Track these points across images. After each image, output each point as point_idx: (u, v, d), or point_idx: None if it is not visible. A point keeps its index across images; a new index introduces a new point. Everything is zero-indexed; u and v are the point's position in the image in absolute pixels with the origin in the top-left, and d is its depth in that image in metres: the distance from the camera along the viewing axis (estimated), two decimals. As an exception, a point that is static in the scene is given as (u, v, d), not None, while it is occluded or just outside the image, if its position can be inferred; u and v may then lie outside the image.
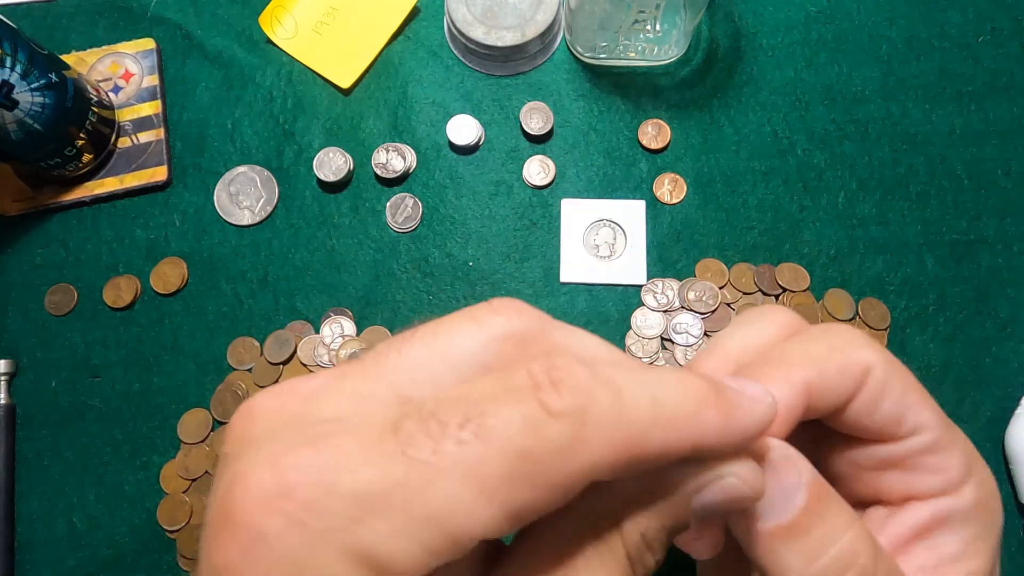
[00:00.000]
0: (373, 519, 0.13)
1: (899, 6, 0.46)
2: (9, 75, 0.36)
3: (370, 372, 0.16)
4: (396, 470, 0.13)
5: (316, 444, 0.14)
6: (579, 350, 0.17)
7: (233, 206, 0.43)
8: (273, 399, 0.16)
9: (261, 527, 0.13)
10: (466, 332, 0.16)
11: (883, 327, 0.40)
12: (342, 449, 0.14)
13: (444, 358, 0.16)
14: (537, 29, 0.43)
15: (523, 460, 0.13)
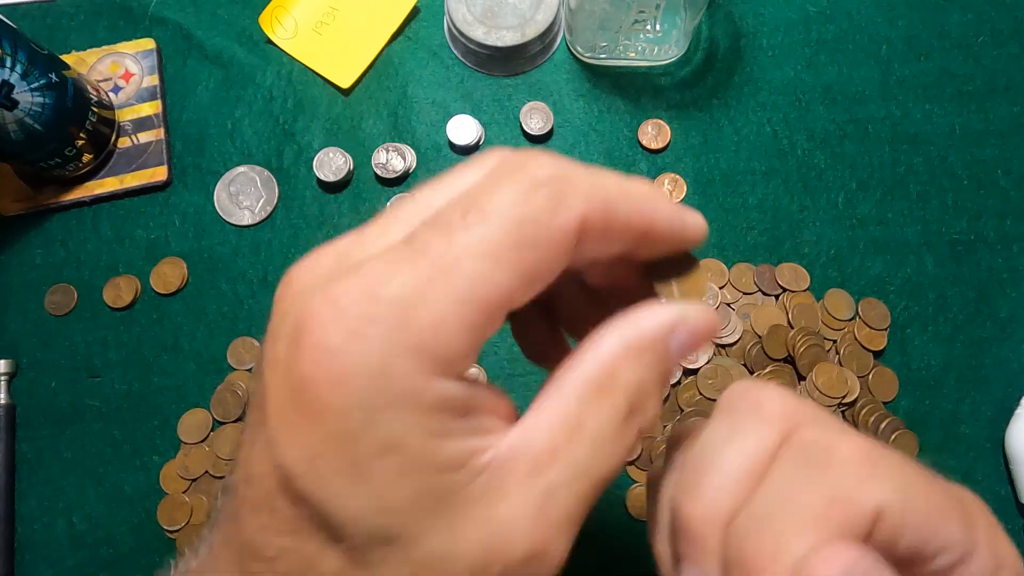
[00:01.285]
0: (417, 314, 0.15)
1: (899, 6, 0.46)
2: (9, 75, 0.36)
3: (388, 219, 0.18)
4: (422, 269, 0.15)
5: (353, 273, 0.16)
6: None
7: (233, 206, 0.43)
8: (308, 262, 0.19)
9: (328, 342, 0.15)
10: (466, 172, 0.18)
11: (883, 327, 0.40)
12: (375, 270, 0.16)
13: (449, 194, 0.18)
14: (537, 29, 0.43)
15: (521, 225, 0.16)
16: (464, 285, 0.15)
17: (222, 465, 0.39)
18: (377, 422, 0.15)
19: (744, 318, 0.40)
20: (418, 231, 0.16)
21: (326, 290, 0.16)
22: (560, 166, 0.18)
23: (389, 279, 0.15)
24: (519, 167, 0.17)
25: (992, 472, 0.39)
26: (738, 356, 0.40)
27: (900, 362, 0.40)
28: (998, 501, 0.38)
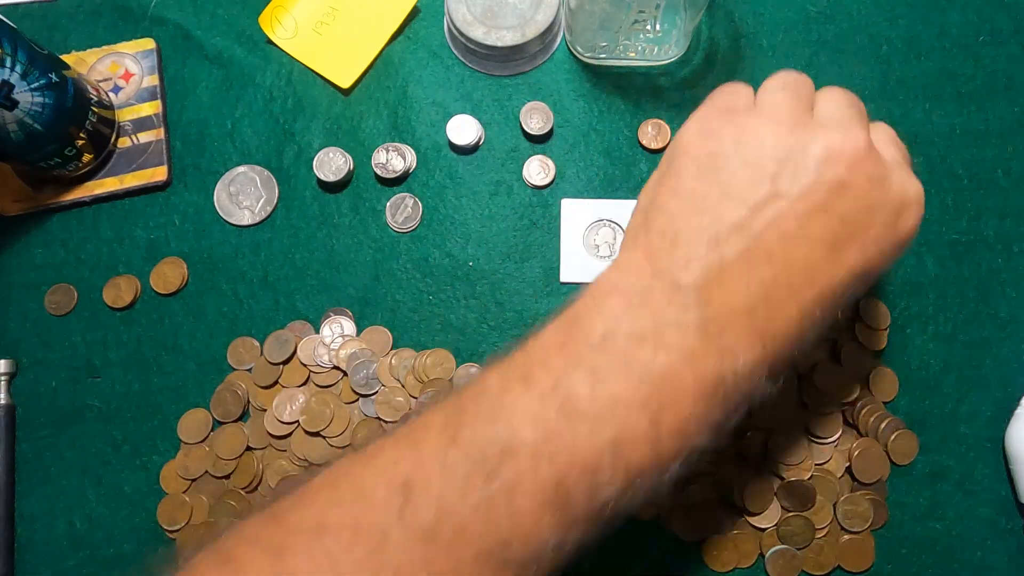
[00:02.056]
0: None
1: (899, 6, 0.46)
2: (9, 75, 0.36)
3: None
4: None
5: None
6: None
7: (233, 206, 0.43)
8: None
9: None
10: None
11: (883, 327, 0.40)
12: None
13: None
14: (537, 29, 0.43)
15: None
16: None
17: (222, 465, 0.39)
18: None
19: (744, 318, 0.40)
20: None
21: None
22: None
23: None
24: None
25: (992, 472, 0.39)
26: (738, 356, 0.40)
27: (900, 362, 0.40)
28: (998, 501, 0.38)
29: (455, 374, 0.40)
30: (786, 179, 0.26)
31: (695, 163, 0.27)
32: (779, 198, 0.26)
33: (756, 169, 0.26)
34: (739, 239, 0.25)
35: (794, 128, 0.27)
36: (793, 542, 0.37)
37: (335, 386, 0.40)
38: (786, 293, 0.25)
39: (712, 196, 0.26)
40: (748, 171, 0.26)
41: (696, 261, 0.25)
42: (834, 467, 0.38)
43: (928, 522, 0.38)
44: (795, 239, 0.25)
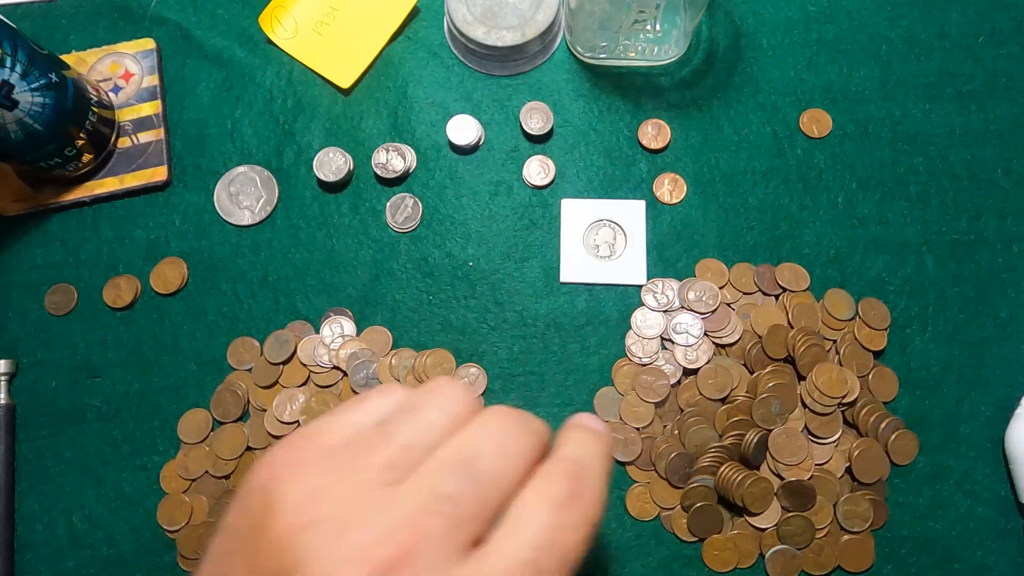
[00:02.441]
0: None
1: (899, 6, 0.46)
2: (9, 75, 0.36)
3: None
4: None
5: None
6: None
7: (233, 206, 0.43)
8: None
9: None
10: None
11: (883, 327, 0.40)
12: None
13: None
14: (537, 29, 0.43)
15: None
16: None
17: (222, 465, 0.39)
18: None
19: (744, 318, 0.40)
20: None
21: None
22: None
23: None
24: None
25: (992, 472, 0.39)
26: (738, 356, 0.40)
27: (900, 362, 0.40)
28: (998, 501, 0.38)
29: (455, 374, 0.40)
30: None
31: None
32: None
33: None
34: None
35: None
36: (793, 542, 0.37)
37: (335, 386, 0.40)
38: None
39: None
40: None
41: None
42: (834, 467, 0.38)
43: (928, 522, 0.38)
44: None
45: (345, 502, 0.18)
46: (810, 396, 0.38)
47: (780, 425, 0.38)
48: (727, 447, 0.38)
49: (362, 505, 0.18)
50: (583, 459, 0.22)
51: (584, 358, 0.41)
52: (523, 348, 0.41)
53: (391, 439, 0.20)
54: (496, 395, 0.40)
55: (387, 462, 0.20)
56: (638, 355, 0.40)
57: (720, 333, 0.40)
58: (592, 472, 0.21)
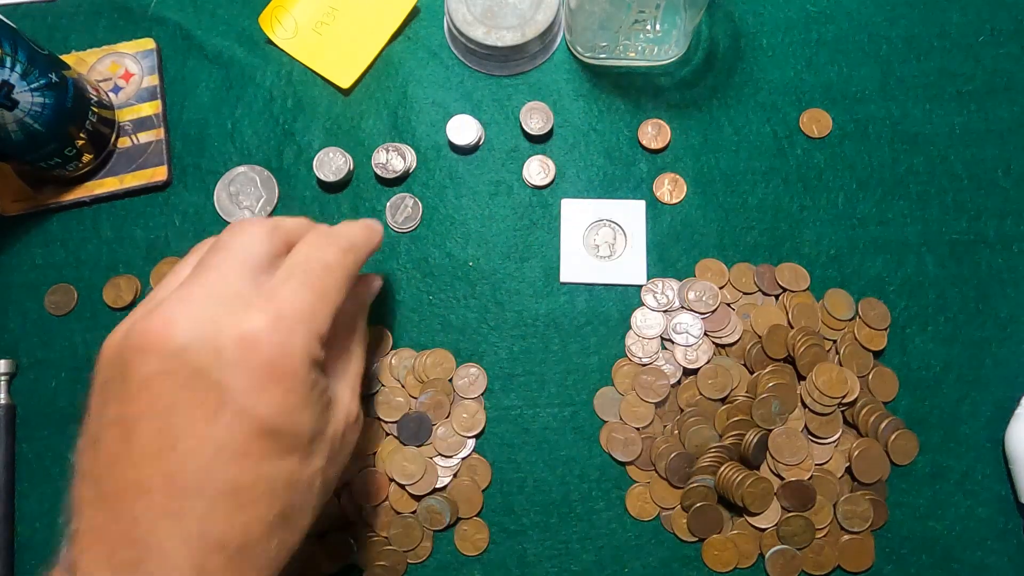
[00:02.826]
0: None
1: (899, 6, 0.46)
2: (9, 75, 0.36)
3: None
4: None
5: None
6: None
7: (233, 206, 0.43)
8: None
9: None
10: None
11: (883, 327, 0.40)
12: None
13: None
14: (537, 29, 0.43)
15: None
16: (334, 300, 0.29)
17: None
18: (311, 378, 0.27)
19: (744, 318, 0.40)
20: (293, 265, 0.29)
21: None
22: (347, 234, 0.33)
23: (297, 295, 0.28)
24: (330, 235, 0.32)
25: (992, 472, 0.39)
26: (738, 356, 0.40)
27: (900, 362, 0.40)
28: (998, 501, 0.38)
29: (455, 374, 0.40)
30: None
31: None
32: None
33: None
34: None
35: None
36: (793, 542, 0.37)
37: (335, 386, 0.40)
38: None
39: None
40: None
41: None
42: (834, 467, 0.38)
43: (928, 522, 0.38)
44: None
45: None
46: (810, 396, 0.38)
47: (780, 425, 0.38)
48: (727, 447, 0.38)
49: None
50: (338, 230, 0.33)
51: (584, 358, 0.41)
52: (523, 348, 0.41)
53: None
54: (496, 395, 0.40)
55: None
56: (638, 355, 0.40)
57: (720, 333, 0.40)
58: (342, 233, 0.32)
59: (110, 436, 0.25)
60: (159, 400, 0.24)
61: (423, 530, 0.38)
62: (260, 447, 0.25)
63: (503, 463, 0.39)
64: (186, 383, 0.24)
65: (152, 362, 0.25)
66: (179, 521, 0.24)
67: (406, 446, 0.39)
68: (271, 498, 0.25)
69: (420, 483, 0.38)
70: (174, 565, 0.23)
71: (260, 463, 0.25)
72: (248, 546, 0.25)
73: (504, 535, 0.38)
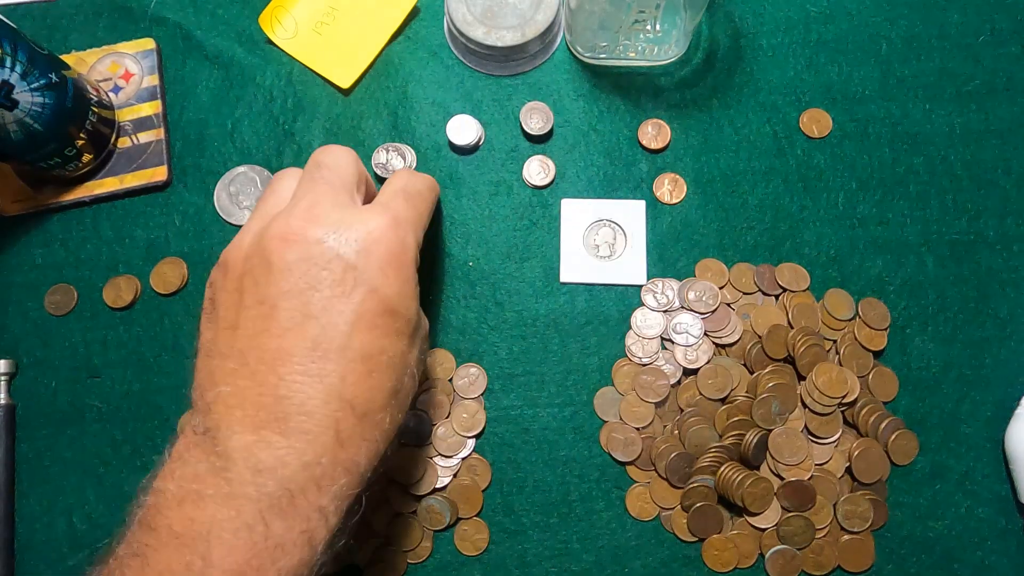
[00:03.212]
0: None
1: (899, 6, 0.46)
2: (9, 75, 0.36)
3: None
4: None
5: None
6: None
7: (233, 206, 0.43)
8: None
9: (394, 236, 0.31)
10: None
11: (883, 327, 0.40)
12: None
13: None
14: (537, 29, 0.43)
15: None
16: (417, 222, 0.33)
17: (222, 465, 0.39)
18: (416, 276, 0.31)
19: (744, 318, 0.40)
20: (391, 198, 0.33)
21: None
22: (423, 179, 0.36)
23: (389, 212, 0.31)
24: (420, 179, 0.36)
25: (992, 472, 0.39)
26: (738, 356, 0.40)
27: (900, 362, 0.40)
28: (998, 501, 0.38)
29: (455, 374, 0.40)
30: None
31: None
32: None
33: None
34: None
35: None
36: (793, 542, 0.37)
37: (335, 386, 0.40)
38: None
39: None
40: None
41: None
42: (834, 467, 0.38)
43: (928, 522, 0.38)
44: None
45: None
46: (810, 396, 0.38)
47: (780, 425, 0.38)
48: (727, 447, 0.38)
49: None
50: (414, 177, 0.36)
51: (584, 358, 0.41)
52: (523, 348, 0.41)
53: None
54: (496, 395, 0.40)
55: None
56: (638, 355, 0.40)
57: (720, 333, 0.40)
58: (421, 179, 0.35)
59: (252, 315, 0.28)
60: (302, 279, 0.28)
61: (423, 530, 0.38)
62: (385, 323, 0.29)
63: (503, 463, 0.39)
64: (326, 265, 0.28)
65: (296, 250, 0.28)
66: (320, 380, 0.27)
67: (406, 446, 0.39)
68: (391, 370, 0.29)
69: (420, 483, 0.38)
70: (316, 420, 0.27)
71: (384, 337, 0.29)
72: (371, 412, 0.28)
73: (504, 535, 0.38)
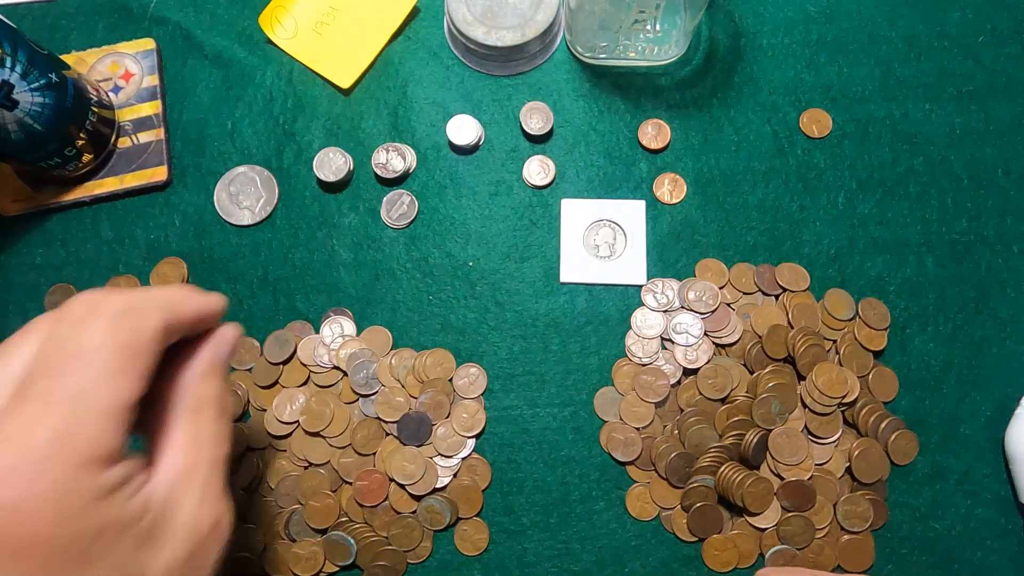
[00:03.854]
0: (73, 441, 0.21)
1: (899, 6, 0.46)
2: (9, 75, 0.36)
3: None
4: (58, 411, 0.21)
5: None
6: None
7: (233, 206, 0.43)
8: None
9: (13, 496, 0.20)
10: (24, 338, 0.24)
11: (883, 327, 0.40)
12: (15, 429, 0.21)
13: (22, 357, 0.23)
14: (537, 29, 0.43)
15: (124, 346, 0.22)
16: (102, 402, 0.21)
17: (222, 465, 0.39)
18: (78, 527, 0.20)
19: (744, 318, 0.40)
20: (30, 386, 0.21)
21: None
22: (127, 295, 0.24)
23: (33, 430, 0.20)
24: (93, 307, 0.23)
25: (992, 472, 0.39)
26: (738, 356, 0.40)
27: (900, 362, 0.40)
28: (998, 501, 0.38)
29: (455, 374, 0.40)
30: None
31: None
32: None
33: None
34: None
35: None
36: (793, 542, 0.37)
37: (335, 386, 0.40)
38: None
39: None
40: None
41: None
42: (834, 467, 0.38)
43: (928, 522, 0.38)
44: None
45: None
46: (810, 396, 0.38)
47: (780, 425, 0.38)
48: (727, 447, 0.38)
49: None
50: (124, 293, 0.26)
51: (584, 358, 0.41)
52: (523, 348, 0.41)
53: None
54: (496, 395, 0.40)
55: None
56: (638, 355, 0.40)
57: (720, 333, 0.40)
58: (124, 296, 0.25)
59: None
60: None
61: (423, 530, 0.38)
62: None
63: (503, 463, 0.39)
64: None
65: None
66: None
67: (406, 446, 0.39)
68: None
69: (420, 483, 0.38)
70: None
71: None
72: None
73: (504, 535, 0.38)
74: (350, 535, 0.37)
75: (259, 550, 0.37)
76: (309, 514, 0.38)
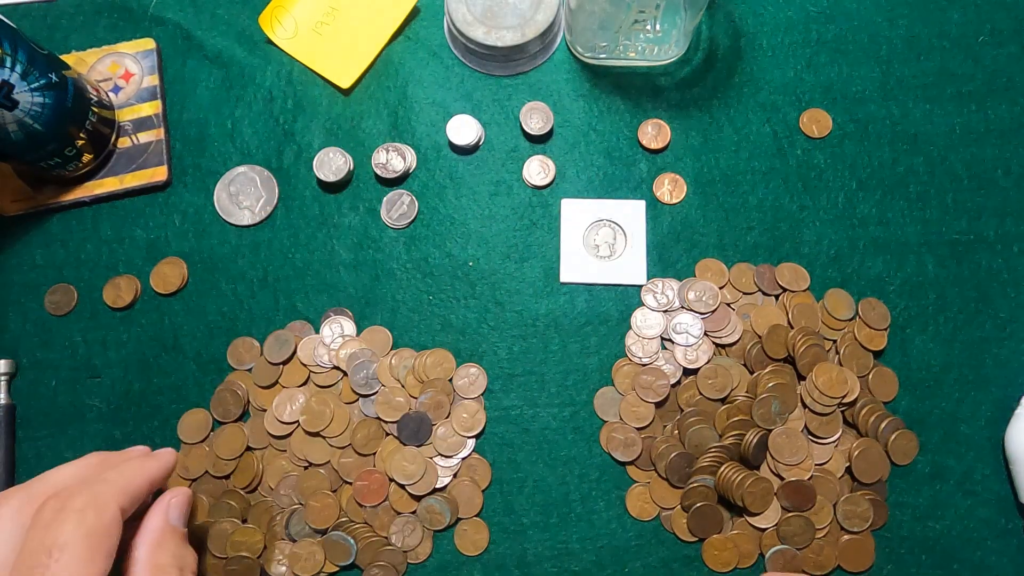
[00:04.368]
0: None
1: (899, 6, 0.46)
2: (9, 75, 0.36)
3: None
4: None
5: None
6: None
7: (233, 206, 0.43)
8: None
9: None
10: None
11: (883, 327, 0.40)
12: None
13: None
14: (537, 29, 0.43)
15: (90, 536, 0.25)
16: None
17: (222, 465, 0.39)
18: None
19: (744, 318, 0.40)
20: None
21: None
22: (83, 487, 0.27)
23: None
24: (58, 510, 0.26)
25: (992, 472, 0.39)
26: (738, 356, 0.40)
27: (900, 362, 0.40)
28: (998, 501, 0.38)
29: (455, 374, 0.40)
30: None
31: None
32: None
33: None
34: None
35: None
36: (793, 542, 0.37)
37: (335, 386, 0.40)
38: None
39: None
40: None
41: None
42: (834, 467, 0.38)
43: (928, 522, 0.38)
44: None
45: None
46: (810, 396, 0.38)
47: (780, 425, 0.38)
48: (727, 447, 0.38)
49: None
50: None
51: (584, 358, 0.41)
52: (523, 348, 0.41)
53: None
54: (496, 395, 0.40)
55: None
56: (638, 355, 0.40)
57: (720, 333, 0.40)
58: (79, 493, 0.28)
59: None
60: None
61: (423, 530, 0.38)
62: None
63: (503, 463, 0.39)
64: None
65: None
66: None
67: (406, 446, 0.39)
68: None
69: (420, 483, 0.38)
70: None
71: None
72: None
73: (504, 535, 0.38)
74: (350, 535, 0.37)
75: (259, 550, 0.37)
76: (309, 514, 0.38)
